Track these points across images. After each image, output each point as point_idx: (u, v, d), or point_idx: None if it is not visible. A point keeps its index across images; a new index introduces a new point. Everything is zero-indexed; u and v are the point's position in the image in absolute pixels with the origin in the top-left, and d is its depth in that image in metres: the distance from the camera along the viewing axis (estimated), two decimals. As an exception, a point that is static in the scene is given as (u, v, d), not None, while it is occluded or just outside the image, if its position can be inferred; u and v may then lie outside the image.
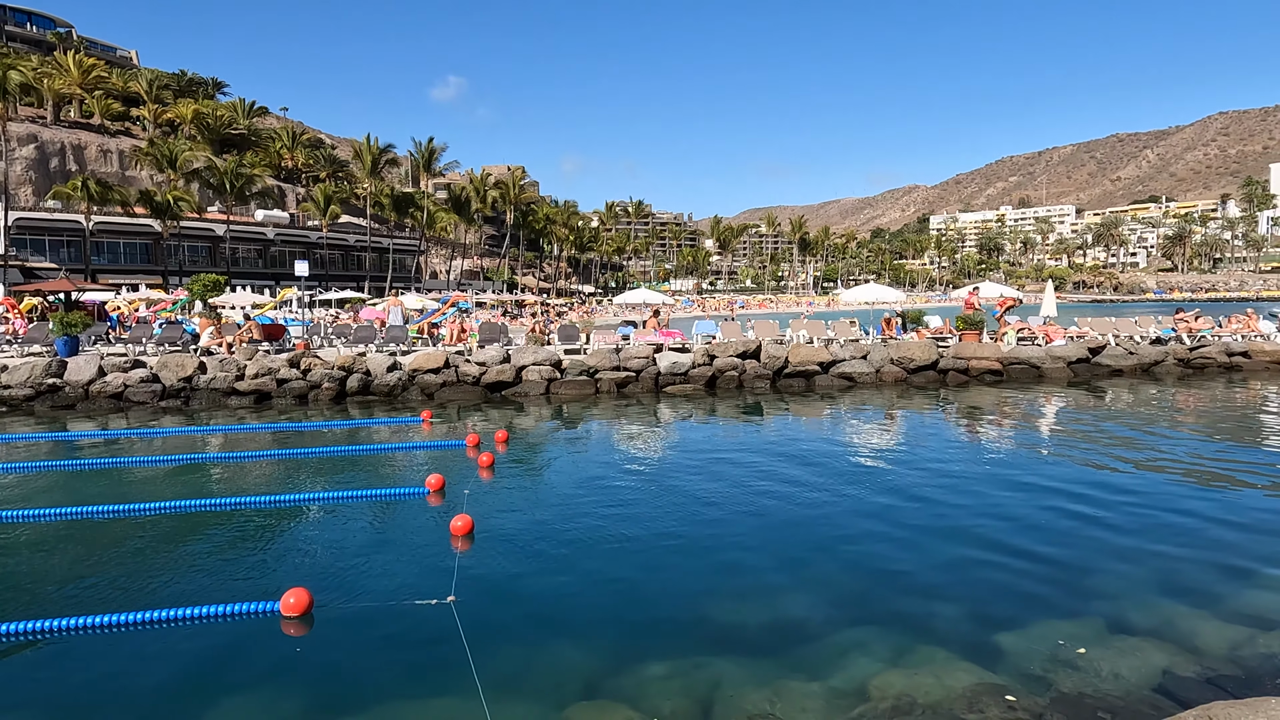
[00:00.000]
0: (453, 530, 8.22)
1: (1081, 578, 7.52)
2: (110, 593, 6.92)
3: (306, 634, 6.06)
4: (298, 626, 6.12)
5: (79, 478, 11.85)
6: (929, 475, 11.38)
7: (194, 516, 9.31)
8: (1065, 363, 21.82)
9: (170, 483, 11.57)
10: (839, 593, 7.39)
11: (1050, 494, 10.18)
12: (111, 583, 7.19)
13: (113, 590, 6.98)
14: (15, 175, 74.44)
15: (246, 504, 9.67)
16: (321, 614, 6.29)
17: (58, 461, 12.88)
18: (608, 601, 7.09)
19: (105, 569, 7.61)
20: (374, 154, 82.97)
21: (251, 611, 6.16)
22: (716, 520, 9.33)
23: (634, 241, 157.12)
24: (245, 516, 9.35)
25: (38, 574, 7.55)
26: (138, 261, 68.80)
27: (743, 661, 6.15)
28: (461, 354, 22.01)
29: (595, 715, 5.31)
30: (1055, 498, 9.98)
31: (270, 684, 5.41)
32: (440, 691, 5.27)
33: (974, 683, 5.47)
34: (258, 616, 6.15)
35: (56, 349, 21.55)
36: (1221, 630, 6.14)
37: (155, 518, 9.29)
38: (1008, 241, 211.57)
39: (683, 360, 21.42)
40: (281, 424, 17.25)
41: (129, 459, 13.16)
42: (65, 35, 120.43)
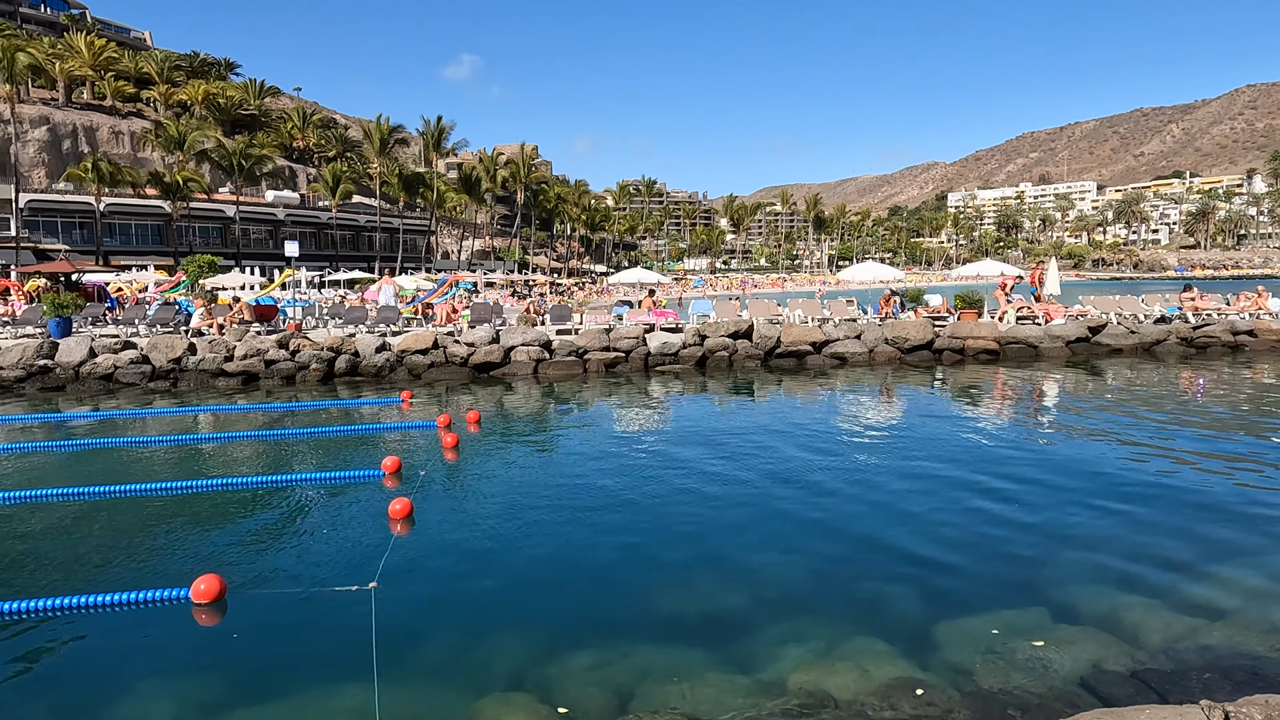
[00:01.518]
0: (391, 515, 8.10)
1: (1042, 566, 7.26)
2: (29, 577, 6.87)
3: (216, 621, 5.97)
4: (208, 613, 6.02)
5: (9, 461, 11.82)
6: (898, 456, 11.13)
7: (126, 501, 9.22)
8: (1064, 342, 21.39)
9: (112, 466, 11.50)
10: (789, 580, 7.20)
11: (1022, 476, 9.91)
12: (35, 566, 7.14)
13: (32, 574, 6.93)
14: (29, 157, 74.97)
15: (186, 488, 9.55)
16: (235, 600, 6.19)
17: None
18: (543, 591, 6.94)
19: (32, 552, 7.56)
20: (383, 134, 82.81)
21: (162, 598, 6.06)
22: (676, 506, 9.13)
23: (647, 221, 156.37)
24: (182, 501, 9.26)
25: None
26: (149, 242, 69.16)
27: (674, 653, 5.99)
28: (452, 335, 21.91)
29: (500, 707, 5.17)
30: (1026, 480, 9.71)
31: (168, 673, 5.31)
32: (337, 679, 5.15)
33: (895, 676, 5.29)
34: (168, 603, 6.06)
35: (49, 331, 21.65)
36: (1168, 623, 5.91)
37: (89, 502, 9.23)
38: (1026, 219, 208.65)
39: (673, 340, 21.21)
40: (254, 405, 17.23)
41: (76, 442, 13.11)
42: (79, 17, 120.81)
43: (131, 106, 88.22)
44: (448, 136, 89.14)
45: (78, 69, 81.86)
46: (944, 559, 7.42)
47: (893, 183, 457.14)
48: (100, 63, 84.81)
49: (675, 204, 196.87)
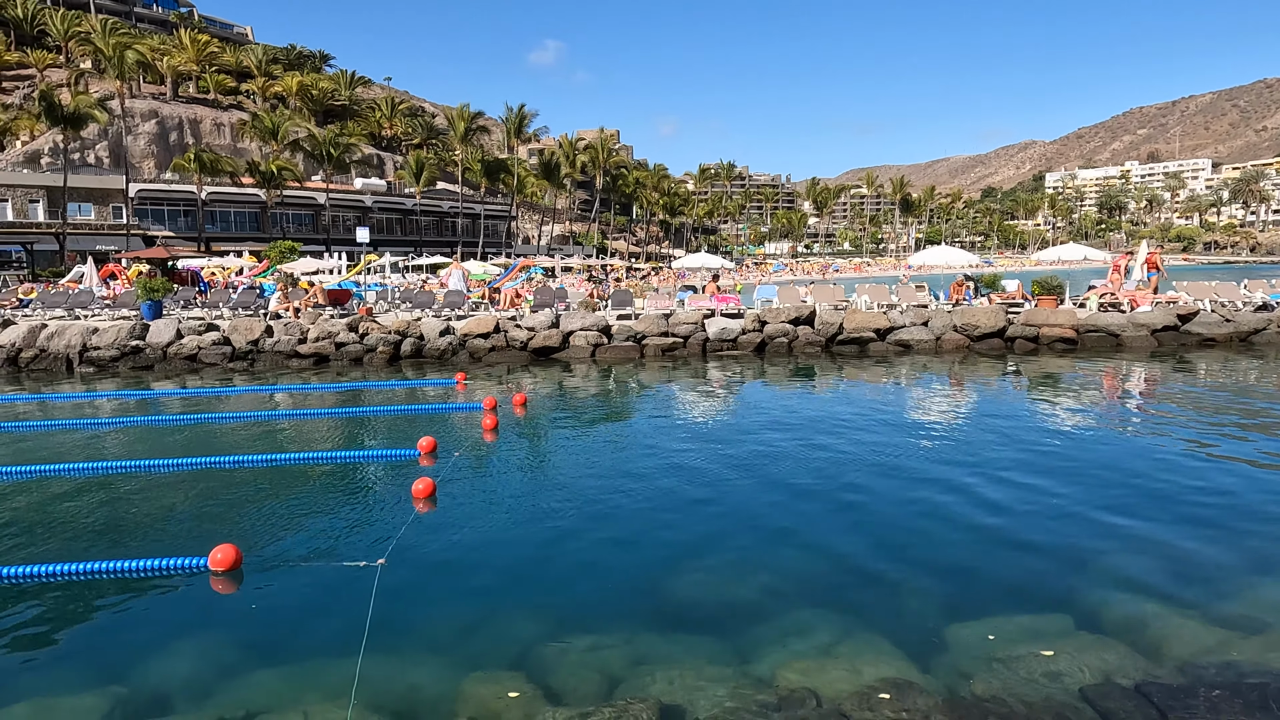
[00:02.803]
0: (413, 493, 8.30)
1: (1079, 571, 6.82)
2: (70, 546, 7.35)
3: (229, 589, 6.26)
4: (224, 582, 6.31)
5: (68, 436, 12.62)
6: (945, 450, 10.71)
7: (165, 475, 9.75)
8: (1149, 331, 20.13)
9: (164, 440, 12.14)
10: (809, 573, 7.01)
11: (1073, 474, 9.39)
12: (73, 536, 7.64)
13: (72, 544, 7.41)
14: (139, 149, 79.71)
15: (225, 463, 10.02)
16: (250, 570, 6.47)
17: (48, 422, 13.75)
18: (552, 575, 6.97)
19: (73, 523, 8.08)
20: (465, 121, 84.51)
21: (181, 566, 6.40)
22: (703, 495, 8.99)
23: (727, 204, 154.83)
24: (220, 475, 9.70)
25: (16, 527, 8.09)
26: (247, 229, 72.60)
27: (675, 641, 5.94)
28: (514, 319, 22.23)
29: (484, 685, 5.22)
30: (1078, 479, 9.19)
31: (179, 639, 5.59)
32: (329, 653, 5.31)
33: (885, 677, 5.10)
34: (187, 571, 6.39)
35: (142, 313, 23.01)
36: (1194, 637, 5.50)
37: (143, 475, 9.78)
38: (1131, 200, 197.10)
39: (732, 326, 20.98)
40: (310, 385, 17.88)
41: (131, 419, 13.91)
42: (187, 15, 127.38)
43: (232, 99, 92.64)
44: (528, 123, 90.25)
45: (183, 64, 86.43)
46: (975, 558, 7.11)
47: (987, 163, 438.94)
48: (204, 58, 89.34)
49: (757, 188, 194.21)
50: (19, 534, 7.74)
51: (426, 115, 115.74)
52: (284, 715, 4.73)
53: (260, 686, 4.97)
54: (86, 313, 24.33)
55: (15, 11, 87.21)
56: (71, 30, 79.22)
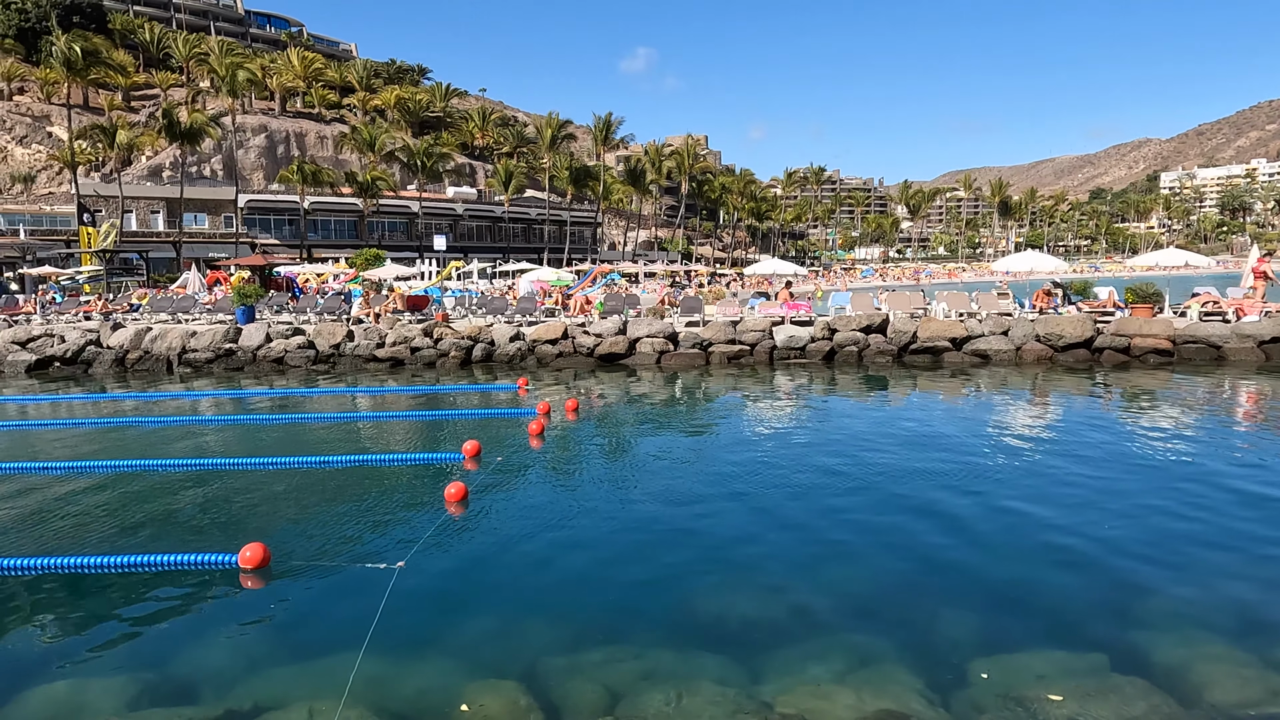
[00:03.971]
0: (446, 497, 8.46)
1: (1129, 606, 6.35)
2: (98, 540, 7.82)
3: (257, 586, 6.53)
4: (253, 579, 6.59)
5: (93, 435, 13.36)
6: (1006, 471, 10.18)
7: (212, 473, 10.26)
8: (1255, 342, 18.62)
9: (219, 439, 12.75)
10: (841, 595, 6.76)
11: (1141, 502, 8.77)
12: (104, 532, 8.12)
13: (99, 539, 7.88)
14: (250, 162, 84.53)
15: (269, 464, 10.46)
16: (278, 568, 6.74)
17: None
18: (575, 583, 6.96)
19: (112, 519, 8.59)
20: (553, 129, 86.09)
21: (214, 562, 6.72)
22: (741, 512, 8.76)
23: (815, 209, 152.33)
24: (264, 476, 10.10)
25: (52, 519, 8.66)
26: (346, 236, 75.90)
27: (687, 659, 5.85)
28: (582, 326, 22.45)
29: (483, 692, 5.26)
30: (1146, 507, 8.58)
31: (203, 632, 5.87)
32: (336, 651, 5.46)
33: (887, 709, 4.90)
34: (220, 567, 6.71)
35: (236, 318, 24.33)
36: (1242, 684, 5.06)
37: (192, 473, 10.32)
38: (1258, 200, 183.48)
39: (800, 334, 20.59)
40: (370, 389, 18.55)
41: (190, 418, 14.68)
42: (296, 34, 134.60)
43: (335, 113, 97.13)
44: (615, 130, 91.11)
45: (290, 81, 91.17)
46: (1019, 588, 6.71)
47: (1096, 163, 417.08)
48: (309, 75, 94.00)
49: (848, 191, 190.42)
50: (64, 527, 8.30)
51: (518, 125, 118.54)
52: (283, 710, 4.89)
53: (264, 681, 5.17)
54: (188, 317, 25.91)
55: (144, 36, 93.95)
56: (192, 52, 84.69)
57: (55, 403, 17.82)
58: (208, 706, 5.07)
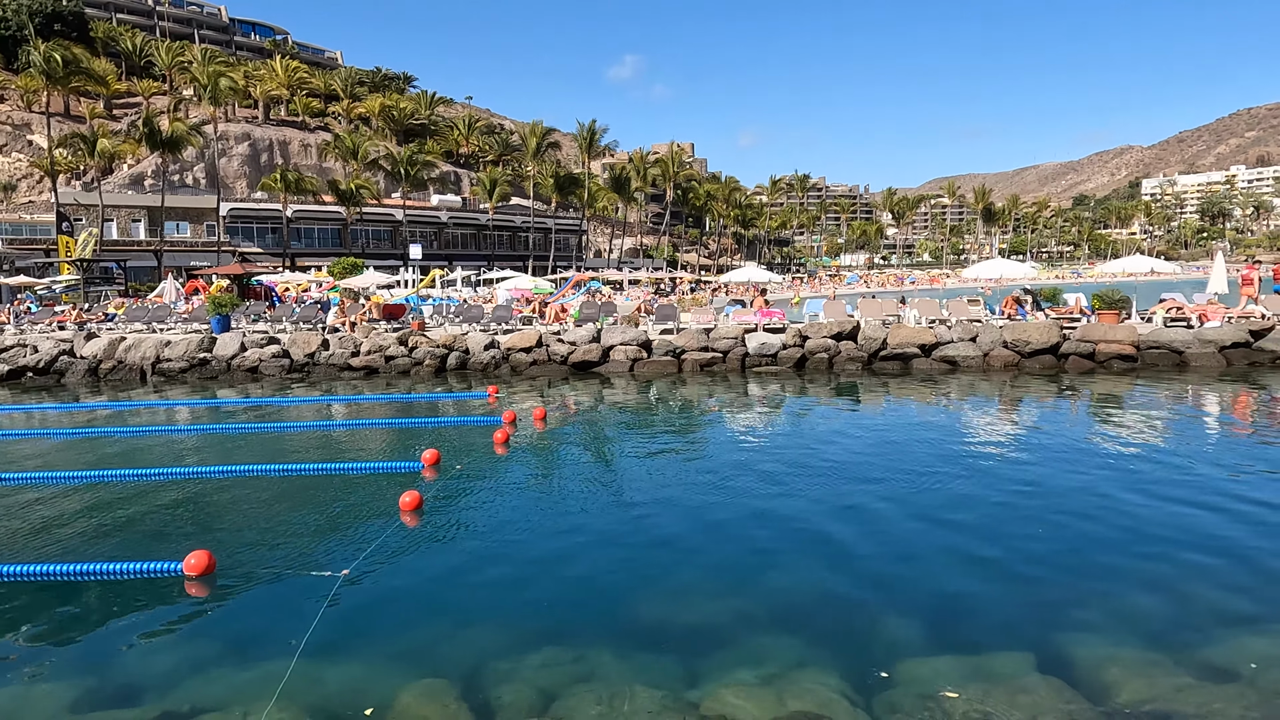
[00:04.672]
0: (400, 506, 8.54)
1: (1066, 608, 6.47)
2: (47, 549, 7.86)
3: (203, 594, 6.61)
4: (198, 586, 6.67)
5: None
6: (957, 476, 10.35)
7: (167, 484, 10.22)
8: (1217, 348, 18.95)
9: (177, 448, 12.73)
10: (784, 599, 6.85)
11: (1083, 510, 8.94)
12: (53, 542, 8.16)
13: (47, 548, 7.92)
14: (233, 170, 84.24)
15: (227, 473, 10.44)
16: (223, 576, 6.81)
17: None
18: (518, 591, 7.02)
19: (63, 529, 8.62)
20: (538, 137, 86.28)
21: (158, 570, 6.79)
22: (702, 512, 8.91)
23: (801, 215, 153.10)
24: (221, 485, 10.09)
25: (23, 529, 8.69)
26: (329, 245, 75.70)
27: (629, 661, 5.95)
28: (557, 334, 22.56)
29: (415, 695, 5.34)
30: (1084, 515, 8.75)
31: (144, 639, 5.94)
32: (271, 657, 5.54)
33: (805, 710, 5.04)
34: (164, 574, 6.78)
35: (211, 327, 24.30)
36: (1154, 683, 5.22)
37: (146, 483, 10.31)
38: (1237, 206, 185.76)
39: (773, 341, 20.77)
40: (340, 397, 18.54)
41: (150, 428, 14.61)
42: (281, 42, 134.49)
43: (319, 121, 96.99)
44: (599, 138, 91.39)
45: (274, 89, 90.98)
46: (959, 592, 6.82)
47: (1079, 170, 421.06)
48: (293, 83, 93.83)
49: (833, 199, 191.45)
50: (11, 536, 8.32)
51: (504, 132, 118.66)
52: (216, 714, 4.97)
53: (198, 685, 5.26)
54: (163, 326, 25.84)
55: (126, 44, 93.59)
56: (175, 60, 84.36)
57: (12, 412, 17.76)
58: (143, 710, 5.14)
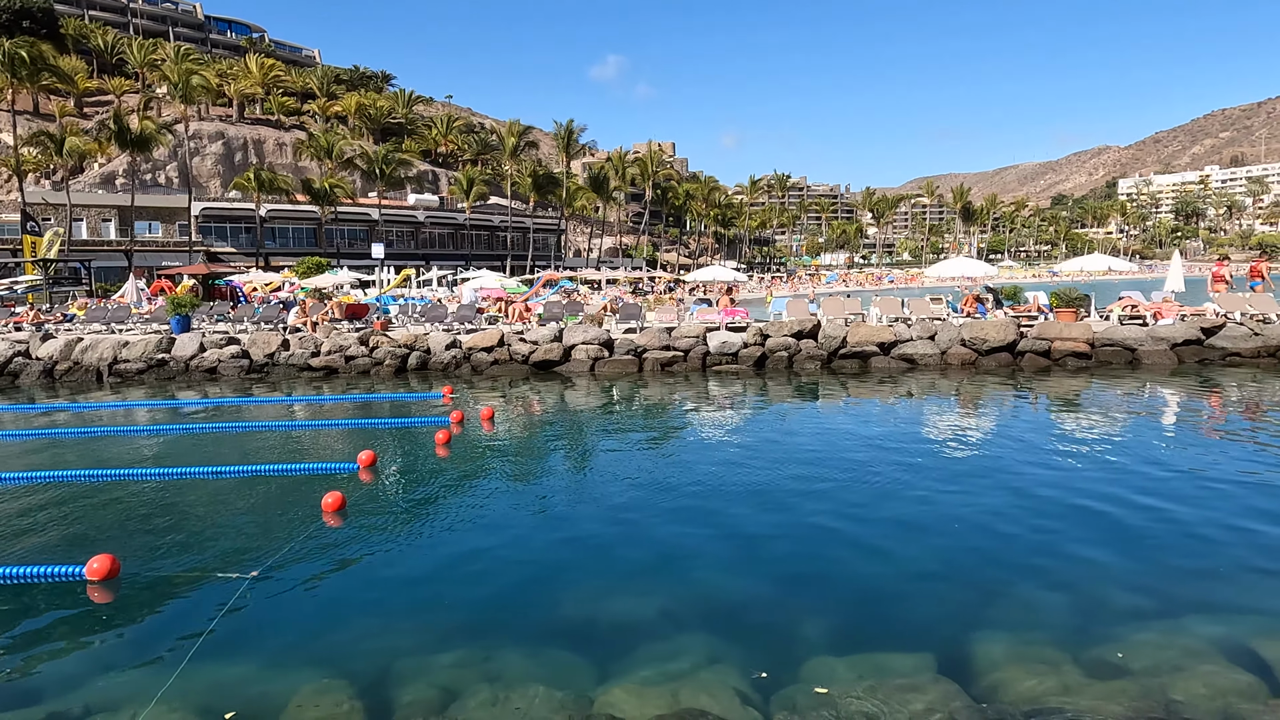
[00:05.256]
0: (323, 507, 8.46)
1: (978, 606, 6.50)
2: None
3: (105, 598, 6.52)
4: (100, 590, 6.58)
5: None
6: (893, 477, 10.39)
7: (88, 486, 10.05)
8: (1169, 345, 19.17)
9: (104, 450, 12.50)
10: (707, 598, 6.80)
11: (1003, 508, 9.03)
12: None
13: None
14: (206, 169, 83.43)
15: (153, 475, 10.29)
16: (128, 579, 6.73)
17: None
18: (443, 589, 6.96)
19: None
20: (515, 136, 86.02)
21: (60, 574, 6.69)
22: (635, 513, 8.83)
23: (781, 215, 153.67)
24: (144, 487, 9.91)
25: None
26: (304, 244, 75.08)
27: (540, 660, 5.91)
28: (519, 333, 22.48)
29: (312, 694, 5.29)
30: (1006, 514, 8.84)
31: (41, 643, 5.85)
32: (154, 661, 5.48)
33: (693, 708, 5.04)
34: (66, 579, 6.68)
35: (171, 327, 24.04)
36: (1039, 681, 5.26)
37: (66, 485, 10.16)
38: (1211, 206, 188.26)
39: (733, 340, 20.80)
40: (287, 398, 18.39)
41: (76, 430, 14.40)
42: (258, 40, 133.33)
43: (295, 120, 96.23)
44: (577, 137, 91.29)
45: (248, 88, 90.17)
46: (879, 591, 6.81)
47: (1058, 169, 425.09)
48: (268, 81, 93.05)
49: (814, 199, 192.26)
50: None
51: (485, 131, 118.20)
52: (102, 715, 4.91)
53: (82, 689, 5.17)
54: (123, 327, 25.53)
55: (97, 42, 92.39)
56: (147, 58, 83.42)
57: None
58: (28, 712, 5.06)
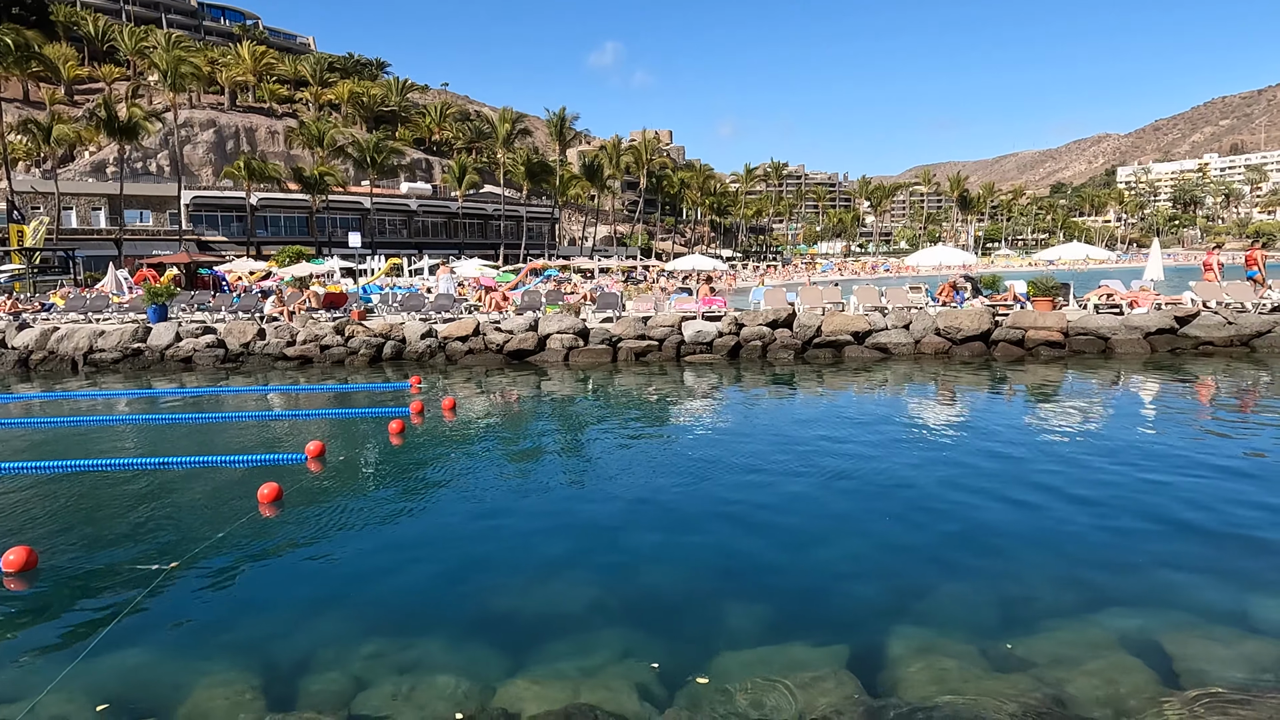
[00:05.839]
0: (259, 498, 8.43)
1: (901, 599, 6.44)
2: None
3: (18, 589, 6.51)
4: (15, 582, 6.57)
5: None
6: (841, 464, 10.37)
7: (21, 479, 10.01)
8: (1142, 334, 19.12)
9: (27, 441, 12.49)
10: (637, 593, 6.79)
11: (930, 505, 9.01)
12: None
13: None
14: (198, 157, 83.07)
15: (97, 467, 10.20)
16: (46, 572, 6.71)
17: None
18: (370, 580, 6.93)
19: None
20: (508, 124, 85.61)
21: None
22: (575, 507, 8.85)
23: (778, 204, 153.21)
24: (81, 479, 9.83)
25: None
26: (296, 233, 74.81)
27: (458, 651, 5.89)
28: (495, 323, 22.42)
29: (214, 685, 5.26)
30: (939, 511, 8.81)
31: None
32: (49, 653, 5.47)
33: (586, 703, 5.04)
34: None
35: (148, 316, 23.95)
36: (939, 675, 5.25)
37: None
38: (1209, 194, 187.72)
39: (708, 329, 20.75)
40: (249, 388, 18.27)
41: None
42: (251, 27, 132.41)
43: (287, 107, 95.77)
44: (570, 124, 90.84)
45: (240, 75, 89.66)
46: (806, 585, 6.81)
47: (1057, 158, 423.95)
48: (260, 68, 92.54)
49: (810, 187, 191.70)
50: None
51: (479, 119, 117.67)
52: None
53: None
54: (100, 316, 25.46)
55: (88, 28, 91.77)
56: (138, 45, 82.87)
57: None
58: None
